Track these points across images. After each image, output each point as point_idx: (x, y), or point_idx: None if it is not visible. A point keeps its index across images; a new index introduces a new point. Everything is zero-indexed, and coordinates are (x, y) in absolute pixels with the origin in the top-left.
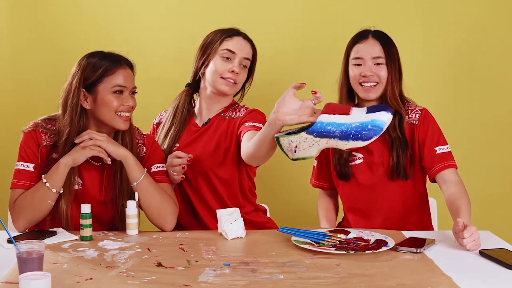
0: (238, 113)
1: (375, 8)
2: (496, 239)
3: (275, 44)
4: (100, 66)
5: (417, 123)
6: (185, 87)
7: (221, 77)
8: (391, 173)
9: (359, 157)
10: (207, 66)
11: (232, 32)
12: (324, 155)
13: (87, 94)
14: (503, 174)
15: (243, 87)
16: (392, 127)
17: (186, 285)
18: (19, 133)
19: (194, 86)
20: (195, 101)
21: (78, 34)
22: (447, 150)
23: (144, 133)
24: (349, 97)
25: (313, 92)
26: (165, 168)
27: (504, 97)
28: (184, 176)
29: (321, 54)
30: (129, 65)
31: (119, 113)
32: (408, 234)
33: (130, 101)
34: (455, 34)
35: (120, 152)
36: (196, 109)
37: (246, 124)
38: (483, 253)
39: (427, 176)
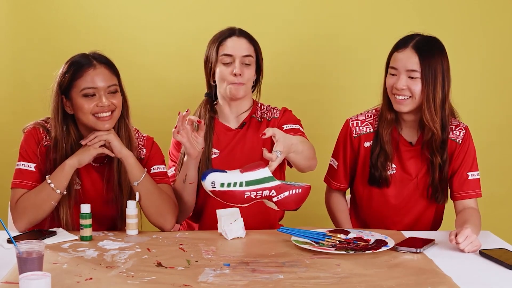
0: (271, 115)
1: (375, 8)
2: (496, 239)
3: (274, 43)
4: (68, 71)
5: (460, 142)
6: (204, 97)
7: (228, 83)
8: (427, 194)
9: (392, 168)
10: (214, 75)
11: (225, 35)
12: (351, 156)
13: (66, 100)
14: (503, 174)
15: (256, 84)
16: (434, 151)
17: (186, 285)
18: (19, 134)
19: (211, 94)
20: (216, 107)
21: (78, 34)
22: (477, 177)
23: (144, 134)
24: (390, 108)
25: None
26: (165, 170)
27: (504, 97)
28: (200, 121)
29: (321, 54)
30: (104, 63)
31: (97, 115)
32: (408, 234)
33: (105, 101)
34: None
35: (123, 152)
36: (221, 114)
37: (284, 127)
38: (483, 253)
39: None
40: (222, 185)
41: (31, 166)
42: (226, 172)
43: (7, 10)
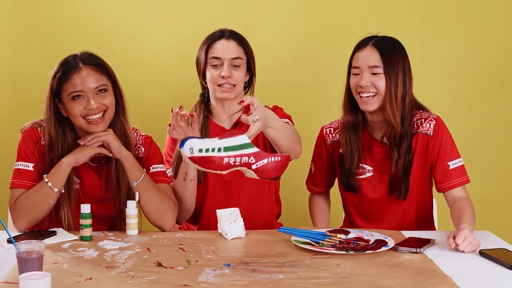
0: None
1: (373, 8)
2: (496, 239)
3: (273, 44)
4: (56, 75)
5: (432, 134)
6: (199, 97)
7: (217, 85)
8: (389, 191)
9: (368, 170)
10: (204, 77)
11: (213, 38)
12: (327, 162)
13: (60, 104)
14: (503, 174)
15: (249, 84)
16: (392, 145)
17: (186, 285)
18: (19, 133)
19: (205, 94)
20: (210, 107)
21: (78, 34)
22: (460, 164)
23: (143, 133)
24: (352, 107)
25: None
26: (164, 169)
27: (504, 97)
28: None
29: (319, 54)
30: (91, 64)
31: (87, 118)
32: (408, 234)
33: (93, 103)
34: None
35: (122, 152)
36: (214, 114)
37: None
38: (483, 253)
39: (434, 186)
40: (200, 150)
41: (29, 166)
42: (204, 139)
43: (7, 10)
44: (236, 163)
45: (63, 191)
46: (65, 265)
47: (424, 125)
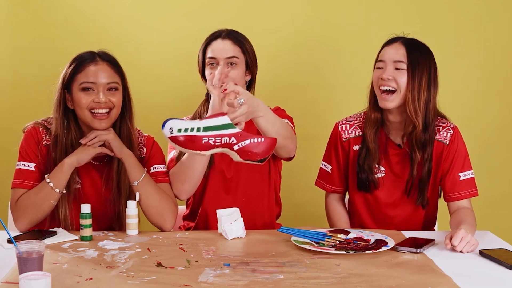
0: None
1: (373, 8)
2: (496, 239)
3: (271, 43)
4: (71, 66)
5: (447, 143)
6: (205, 96)
7: (212, 86)
8: (408, 194)
9: (381, 170)
10: (205, 76)
11: (210, 38)
12: (343, 159)
13: (68, 95)
14: (503, 174)
15: (250, 84)
16: (413, 147)
17: (186, 285)
18: (19, 133)
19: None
20: None
21: (78, 34)
22: (471, 176)
23: (145, 134)
24: (376, 107)
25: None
26: (165, 169)
27: (504, 96)
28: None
29: (319, 54)
30: (107, 60)
31: (93, 111)
32: (408, 234)
33: (102, 97)
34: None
35: (124, 151)
36: None
37: None
38: (483, 253)
39: (441, 193)
40: (179, 130)
41: (31, 166)
42: (185, 120)
43: (7, 10)
44: (217, 143)
45: (64, 191)
46: (65, 265)
47: (441, 133)
